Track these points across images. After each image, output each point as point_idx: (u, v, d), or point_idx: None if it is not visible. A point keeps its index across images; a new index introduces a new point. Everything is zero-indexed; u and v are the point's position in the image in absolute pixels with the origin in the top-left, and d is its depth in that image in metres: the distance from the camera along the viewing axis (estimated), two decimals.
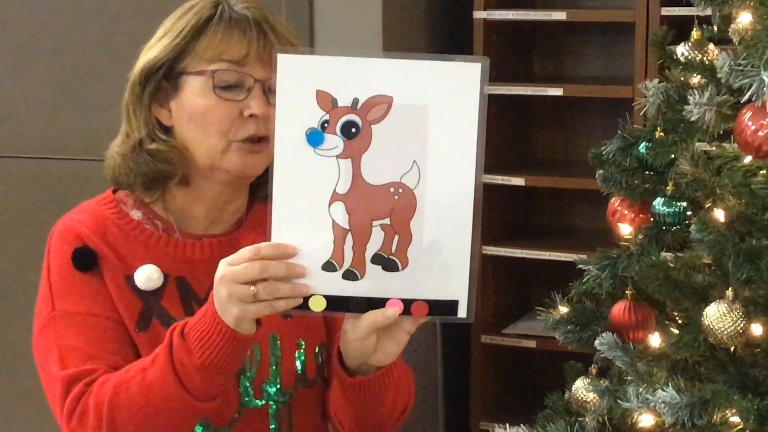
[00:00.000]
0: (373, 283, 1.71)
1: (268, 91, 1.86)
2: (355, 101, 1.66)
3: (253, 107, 1.85)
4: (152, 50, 1.90)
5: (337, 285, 1.70)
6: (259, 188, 1.98)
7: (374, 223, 1.69)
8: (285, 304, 1.68)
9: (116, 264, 1.88)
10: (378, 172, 1.68)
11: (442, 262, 1.70)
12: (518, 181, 3.14)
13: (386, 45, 3.01)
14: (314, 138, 1.67)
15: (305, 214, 1.69)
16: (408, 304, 1.72)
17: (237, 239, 1.95)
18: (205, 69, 1.85)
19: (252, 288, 1.65)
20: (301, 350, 1.95)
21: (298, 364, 1.94)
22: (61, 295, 1.88)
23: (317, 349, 1.96)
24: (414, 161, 1.67)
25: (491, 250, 3.18)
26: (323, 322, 1.99)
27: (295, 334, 1.95)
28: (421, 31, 3.25)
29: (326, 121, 1.67)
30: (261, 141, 1.87)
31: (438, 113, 1.66)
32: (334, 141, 1.67)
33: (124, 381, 1.78)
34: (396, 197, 1.68)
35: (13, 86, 3.32)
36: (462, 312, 1.72)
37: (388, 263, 1.70)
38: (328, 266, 1.70)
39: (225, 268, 1.67)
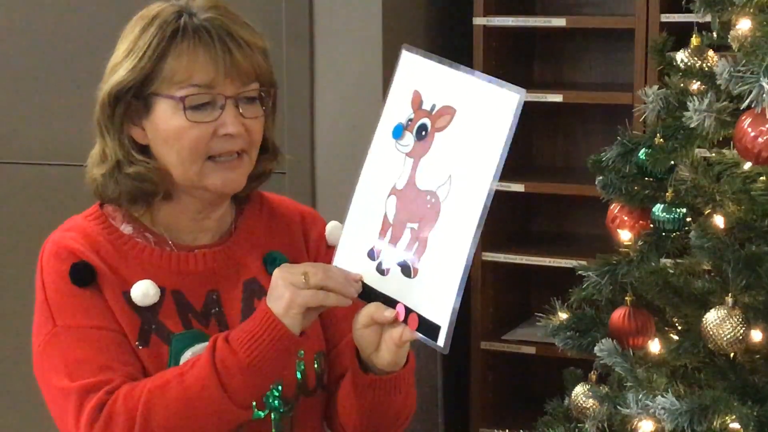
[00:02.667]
0: (392, 283, 1.75)
1: (241, 101, 1.85)
2: (433, 107, 1.72)
3: (228, 126, 1.83)
4: (119, 71, 1.85)
5: (370, 275, 1.76)
6: (243, 189, 1.98)
7: (408, 224, 1.73)
8: (336, 299, 1.73)
9: (113, 280, 1.86)
10: (426, 178, 1.72)
11: (440, 283, 1.71)
12: (518, 187, 3.14)
13: (386, 51, 3.02)
14: (397, 132, 1.75)
15: (369, 198, 1.78)
16: (408, 314, 1.74)
17: (231, 249, 1.95)
18: (174, 95, 1.82)
19: (304, 271, 1.71)
20: (301, 360, 1.95)
21: (297, 373, 1.94)
22: (61, 310, 1.85)
23: (315, 358, 1.96)
24: (450, 176, 1.69)
25: (491, 256, 3.18)
26: (321, 331, 1.99)
27: None
28: (421, 37, 3.25)
29: (410, 120, 1.74)
30: (239, 155, 1.87)
31: (477, 136, 1.68)
32: (409, 139, 1.73)
33: (159, 385, 1.76)
34: (428, 206, 1.71)
35: (12, 92, 3.32)
36: (440, 340, 1.74)
37: (405, 267, 1.73)
38: (371, 254, 1.76)
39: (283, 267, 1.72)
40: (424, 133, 1.72)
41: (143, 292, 1.85)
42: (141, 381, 1.78)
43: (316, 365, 1.95)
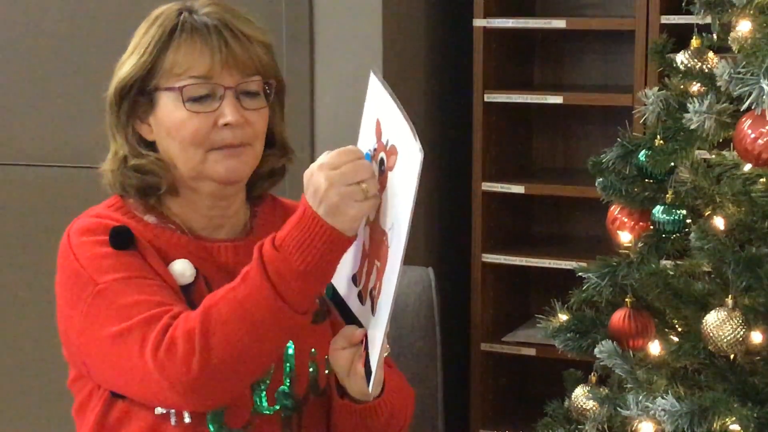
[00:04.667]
0: (365, 313, 1.78)
1: (243, 95, 1.88)
2: (387, 141, 1.71)
3: (227, 115, 1.85)
4: (123, 68, 1.90)
5: (352, 299, 1.80)
6: (255, 188, 1.99)
7: (375, 261, 1.75)
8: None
9: (153, 253, 1.87)
10: (383, 217, 1.72)
11: (377, 330, 1.75)
12: (518, 188, 3.14)
13: (386, 53, 3.01)
14: (367, 159, 1.73)
15: None
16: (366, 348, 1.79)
17: (251, 244, 1.94)
18: (174, 86, 1.86)
19: (363, 185, 1.69)
20: (314, 359, 1.95)
21: (310, 371, 1.95)
22: (101, 270, 1.82)
23: (327, 360, 1.96)
24: (392, 223, 1.70)
25: (491, 258, 3.18)
26: (329, 334, 1.99)
27: (307, 342, 1.95)
28: (421, 38, 3.25)
29: (375, 149, 1.73)
30: (240, 146, 1.88)
31: (404, 185, 1.67)
32: (375, 169, 1.72)
33: (213, 303, 1.74)
34: (384, 247, 1.72)
35: (17, 94, 3.32)
36: (369, 385, 1.79)
37: (371, 302, 1.76)
38: (354, 279, 1.78)
39: (329, 173, 1.69)
40: (383, 167, 1.72)
41: (182, 270, 1.87)
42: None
43: (328, 367, 1.95)
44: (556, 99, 3.11)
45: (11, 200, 3.35)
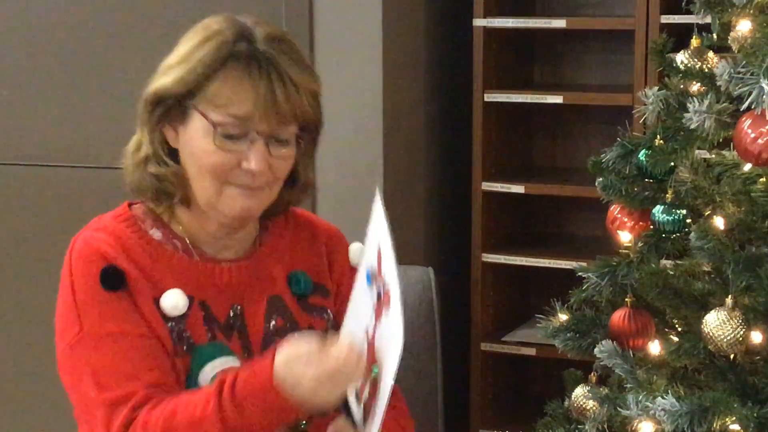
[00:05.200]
0: (358, 413, 1.80)
1: (273, 141, 1.84)
2: (384, 275, 1.70)
3: (252, 163, 1.83)
4: (167, 76, 1.86)
5: (351, 395, 1.80)
6: (267, 213, 1.96)
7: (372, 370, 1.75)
8: None
9: (145, 285, 1.86)
10: (377, 345, 1.73)
11: None
12: (518, 188, 3.14)
13: (386, 53, 3.01)
14: (369, 279, 1.74)
15: (358, 322, 1.78)
16: None
17: (257, 264, 1.94)
18: (210, 117, 1.82)
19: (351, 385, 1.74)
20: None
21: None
22: (89, 315, 1.85)
23: None
24: (381, 364, 1.71)
25: (491, 257, 3.18)
26: None
27: None
28: (421, 38, 3.25)
29: (375, 274, 1.73)
30: (257, 188, 1.86)
31: (390, 344, 1.69)
32: (374, 293, 1.73)
33: (173, 422, 1.76)
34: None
35: (13, 93, 3.32)
36: None
37: (365, 411, 1.78)
38: (356, 396, 1.79)
39: (318, 376, 1.69)
40: (379, 299, 1.72)
41: (173, 302, 1.85)
42: (162, 402, 1.78)
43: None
44: (556, 99, 3.11)
45: (11, 200, 3.35)
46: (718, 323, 1.82)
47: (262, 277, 1.94)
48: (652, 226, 1.96)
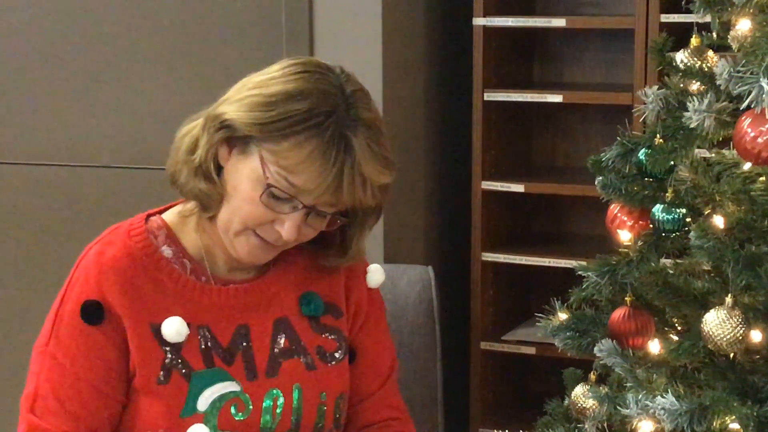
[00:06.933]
0: None
1: (312, 214, 1.81)
2: None
3: (285, 228, 1.80)
4: (243, 109, 1.79)
5: None
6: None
7: None
8: None
9: (141, 311, 1.85)
10: None
11: None
12: (518, 187, 3.14)
13: (386, 52, 3.01)
14: None
15: None
16: None
17: (265, 284, 1.94)
18: (268, 171, 1.77)
19: None
20: (323, 402, 1.94)
21: (317, 415, 1.93)
22: (59, 338, 1.86)
23: (337, 400, 1.95)
24: None
25: (490, 256, 3.18)
26: (348, 373, 1.98)
27: (317, 387, 1.93)
28: (420, 37, 3.25)
29: None
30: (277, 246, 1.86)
31: None
32: None
33: None
34: None
35: (25, 93, 3.32)
36: None
37: None
38: None
39: None
40: None
41: (176, 330, 1.84)
42: None
43: (335, 408, 1.94)
44: (556, 98, 3.11)
45: (11, 200, 3.35)
46: (717, 322, 1.82)
47: (270, 297, 1.93)
48: (651, 225, 1.96)
